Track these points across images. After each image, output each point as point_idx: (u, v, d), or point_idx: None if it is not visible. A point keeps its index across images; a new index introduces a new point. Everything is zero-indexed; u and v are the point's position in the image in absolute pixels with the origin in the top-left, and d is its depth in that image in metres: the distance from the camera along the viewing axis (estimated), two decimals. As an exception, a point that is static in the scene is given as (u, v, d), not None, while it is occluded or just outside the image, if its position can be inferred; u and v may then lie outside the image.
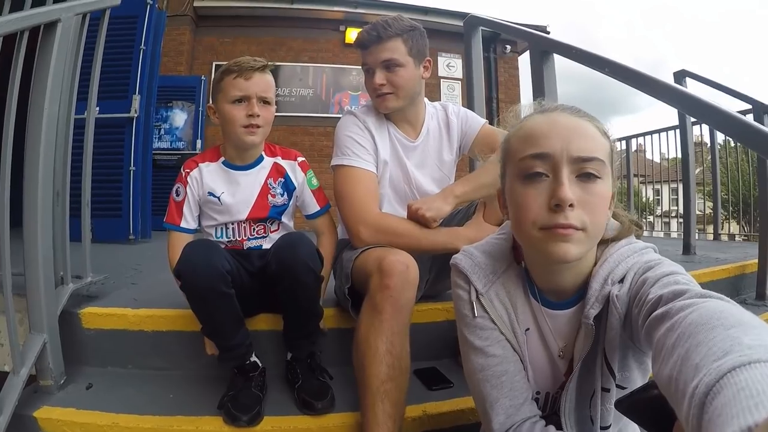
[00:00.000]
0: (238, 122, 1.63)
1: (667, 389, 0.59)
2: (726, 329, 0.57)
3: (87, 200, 1.96)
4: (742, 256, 3.19)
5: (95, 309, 1.77)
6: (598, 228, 0.91)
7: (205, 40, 7.89)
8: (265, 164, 1.75)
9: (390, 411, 1.33)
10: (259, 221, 1.73)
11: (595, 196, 0.89)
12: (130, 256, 3.34)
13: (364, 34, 1.78)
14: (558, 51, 2.03)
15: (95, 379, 1.66)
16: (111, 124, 3.93)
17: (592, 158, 0.89)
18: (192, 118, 6.54)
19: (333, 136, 1.86)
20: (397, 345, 1.39)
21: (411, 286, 1.45)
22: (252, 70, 1.63)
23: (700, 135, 5.15)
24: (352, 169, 1.76)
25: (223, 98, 1.65)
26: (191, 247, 1.48)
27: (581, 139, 0.90)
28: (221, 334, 1.54)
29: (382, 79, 1.76)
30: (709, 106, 1.40)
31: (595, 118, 0.96)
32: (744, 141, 1.59)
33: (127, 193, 4.11)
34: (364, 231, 1.68)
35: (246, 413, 1.42)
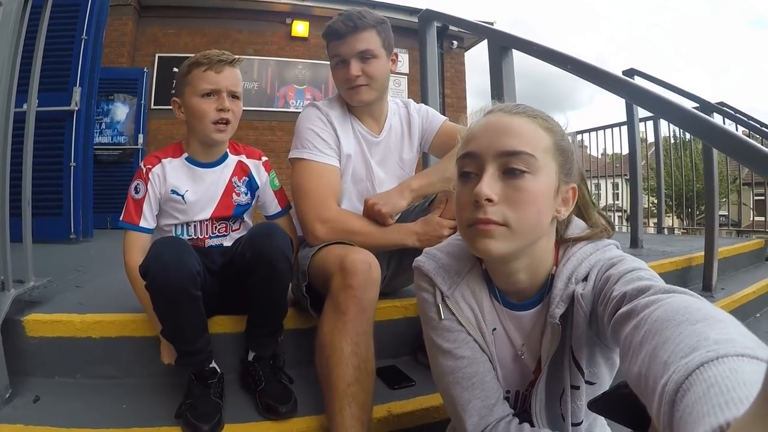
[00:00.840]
0: (209, 117, 1.57)
1: (637, 387, 0.59)
2: (692, 324, 0.58)
3: (28, 198, 1.85)
4: (688, 249, 3.33)
5: (39, 316, 1.67)
6: (526, 224, 0.90)
7: (149, 30, 7.62)
8: (229, 162, 1.70)
9: (358, 414, 1.31)
10: (221, 219, 1.68)
11: (521, 191, 0.89)
12: (73, 256, 3.19)
13: (338, 24, 1.72)
14: (518, 47, 2.03)
15: (43, 390, 1.56)
16: (50, 117, 3.75)
17: (515, 152, 0.90)
18: (134, 111, 6.32)
19: (278, 130, 1.83)
20: (362, 346, 1.38)
21: (374, 285, 1.44)
22: (223, 63, 1.59)
23: (645, 131, 5.33)
24: (313, 163, 1.73)
25: (192, 91, 1.59)
26: (161, 244, 1.41)
27: (508, 136, 0.91)
28: (184, 339, 1.47)
29: (358, 70, 1.72)
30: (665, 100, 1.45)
31: (541, 114, 0.96)
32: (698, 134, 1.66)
33: (67, 191, 3.92)
34: (320, 228, 1.65)
35: (206, 422, 1.37)
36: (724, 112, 4.20)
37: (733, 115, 4.40)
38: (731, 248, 3.55)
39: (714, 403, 0.42)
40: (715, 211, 2.88)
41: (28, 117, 1.88)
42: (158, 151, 1.67)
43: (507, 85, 2.10)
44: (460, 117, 1.64)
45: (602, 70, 1.60)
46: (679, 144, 5.98)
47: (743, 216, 5.83)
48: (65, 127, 3.93)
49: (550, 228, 0.95)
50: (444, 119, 1.98)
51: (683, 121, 1.51)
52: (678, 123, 1.66)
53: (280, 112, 7.91)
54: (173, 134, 6.94)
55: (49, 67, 2.84)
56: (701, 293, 2.75)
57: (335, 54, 1.76)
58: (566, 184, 0.94)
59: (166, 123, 6.95)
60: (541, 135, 0.92)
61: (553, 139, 0.93)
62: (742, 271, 3.58)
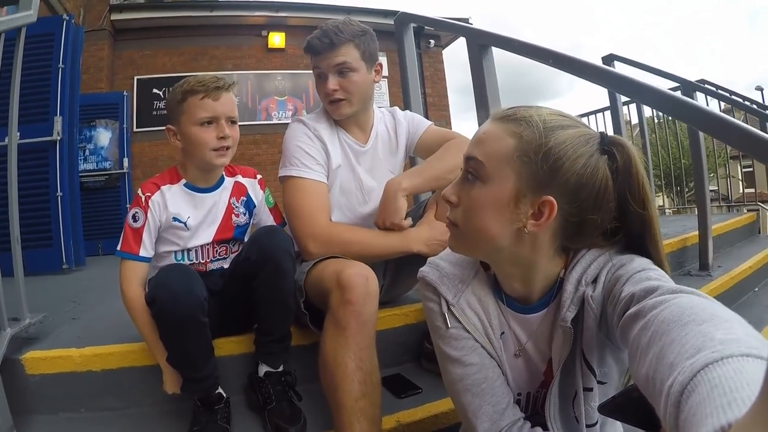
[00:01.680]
0: (209, 145, 1.54)
1: (646, 389, 0.59)
2: (698, 325, 0.58)
3: (17, 236, 1.82)
4: (681, 229, 3.35)
5: (37, 353, 1.65)
6: (470, 228, 0.93)
7: (125, 54, 7.60)
8: (227, 184, 1.70)
9: (368, 428, 1.31)
10: (222, 242, 1.67)
11: (469, 198, 0.92)
12: (67, 287, 3.17)
13: (315, 41, 1.73)
14: (497, 44, 2.03)
15: (47, 428, 1.54)
16: (33, 149, 3.73)
17: (467, 157, 0.94)
18: (116, 136, 6.30)
19: (262, 143, 1.82)
20: (366, 360, 1.37)
21: (372, 298, 1.43)
22: (220, 89, 1.56)
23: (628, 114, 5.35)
24: (302, 180, 1.72)
25: (189, 120, 1.55)
26: (167, 271, 1.41)
27: (475, 140, 0.94)
28: (192, 365, 1.46)
29: (335, 85, 1.73)
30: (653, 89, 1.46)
31: (523, 117, 0.91)
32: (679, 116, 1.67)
33: (56, 221, 3.88)
34: (312, 244, 1.65)
35: None
36: (705, 89, 4.22)
37: (715, 92, 4.42)
38: (724, 224, 3.58)
39: (717, 404, 0.43)
40: (705, 190, 2.89)
41: (10, 150, 1.85)
42: (155, 177, 1.63)
43: (489, 81, 2.10)
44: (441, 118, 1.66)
45: (582, 62, 1.61)
46: (663, 123, 6.01)
47: (732, 189, 5.86)
48: (49, 158, 3.89)
49: (530, 240, 0.92)
50: (429, 123, 1.99)
51: (664, 105, 1.52)
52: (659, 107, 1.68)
53: (264, 125, 7.93)
54: (157, 155, 6.94)
55: (28, 99, 2.83)
56: (699, 272, 2.81)
57: (315, 67, 1.77)
58: (537, 195, 0.88)
59: (149, 145, 6.95)
60: (504, 141, 0.90)
61: (519, 145, 0.88)
62: (736, 246, 3.61)
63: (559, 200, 0.86)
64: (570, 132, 0.89)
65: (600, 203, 0.88)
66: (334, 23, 1.74)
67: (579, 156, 0.87)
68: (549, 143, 0.87)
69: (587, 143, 0.88)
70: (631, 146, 0.91)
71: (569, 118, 0.93)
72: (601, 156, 0.89)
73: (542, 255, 0.94)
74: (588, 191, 0.87)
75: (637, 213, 0.90)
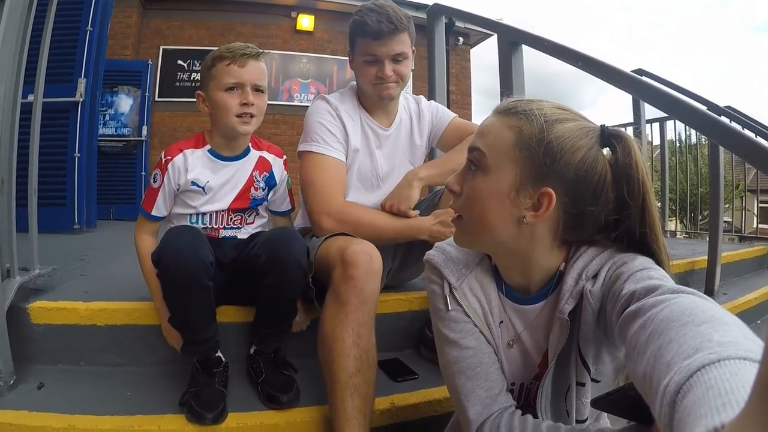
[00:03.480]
0: (232, 111, 1.56)
1: (642, 386, 0.60)
2: (697, 326, 0.58)
3: (34, 187, 1.86)
4: (691, 252, 3.31)
5: (44, 303, 1.67)
6: (471, 219, 0.95)
7: (153, 23, 7.60)
8: (251, 156, 1.70)
9: (360, 405, 1.32)
10: (237, 211, 1.68)
11: (470, 188, 0.94)
12: (77, 246, 3.19)
13: (378, 25, 1.69)
14: (528, 42, 2.02)
15: (47, 378, 1.56)
16: (55, 108, 3.73)
17: (471, 148, 0.96)
18: (138, 103, 6.33)
19: (281, 124, 1.83)
20: (364, 337, 1.38)
21: (375, 276, 1.44)
22: (247, 56, 1.57)
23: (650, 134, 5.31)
24: (321, 156, 1.75)
25: (216, 86, 1.57)
26: (175, 232, 1.43)
27: (478, 132, 0.97)
28: (193, 328, 1.48)
29: (391, 71, 1.75)
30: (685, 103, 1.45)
31: (522, 112, 0.93)
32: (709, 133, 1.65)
33: (71, 181, 3.92)
34: (326, 220, 1.67)
35: (210, 410, 1.37)
36: (731, 115, 4.16)
37: (740, 118, 4.37)
38: (734, 254, 3.54)
39: (711, 405, 0.43)
40: (719, 214, 2.87)
41: (34, 108, 1.88)
42: (181, 142, 1.66)
43: (516, 80, 2.09)
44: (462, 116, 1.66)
45: (613, 68, 1.59)
46: (685, 147, 5.96)
47: (747, 223, 5.80)
48: (70, 118, 3.92)
49: (529, 231, 0.93)
50: (453, 116, 1.99)
51: (696, 122, 1.50)
52: (690, 123, 1.66)
53: (284, 106, 7.89)
54: (177, 126, 6.95)
55: (55, 59, 2.84)
56: (703, 297, 2.77)
57: (368, 52, 1.74)
58: (536, 187, 0.90)
59: (170, 115, 6.96)
60: (504, 133, 0.92)
61: (519, 137, 0.91)
62: (744, 277, 3.56)
63: (557, 192, 0.88)
64: (569, 125, 0.91)
65: (599, 196, 0.90)
66: (388, 8, 1.73)
67: (578, 149, 0.89)
68: (549, 136, 0.89)
69: (586, 136, 0.90)
70: (631, 139, 0.93)
71: (569, 112, 0.95)
72: (601, 149, 0.91)
73: (541, 247, 0.95)
74: (587, 184, 0.89)
75: (636, 206, 0.91)
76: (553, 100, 0.97)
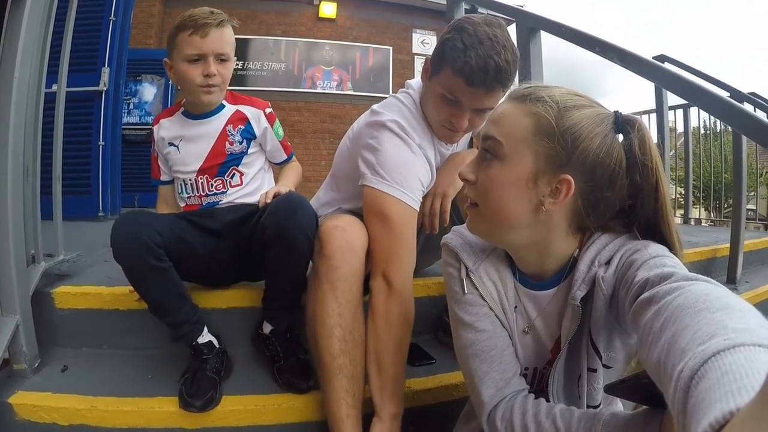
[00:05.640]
0: (195, 82, 1.55)
1: (656, 373, 0.59)
2: (711, 313, 0.58)
3: (58, 175, 1.91)
4: (714, 240, 3.26)
5: (68, 288, 1.71)
6: (489, 208, 0.95)
7: (175, 12, 7.59)
8: (225, 112, 1.68)
9: (346, 385, 1.32)
10: (217, 175, 1.65)
11: (487, 177, 0.94)
12: (101, 233, 3.21)
13: (481, 74, 1.33)
14: (546, 28, 2.00)
15: (70, 360, 1.61)
16: (79, 97, 3.76)
17: (486, 136, 0.95)
18: (161, 92, 6.37)
19: (305, 111, 1.78)
20: (346, 317, 1.34)
21: (353, 251, 1.37)
22: (209, 26, 1.52)
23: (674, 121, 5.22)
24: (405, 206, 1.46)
25: (178, 56, 1.56)
26: (120, 218, 1.44)
27: (491, 120, 0.97)
28: (164, 311, 1.49)
29: (468, 121, 1.47)
30: (695, 86, 1.42)
31: (540, 96, 0.92)
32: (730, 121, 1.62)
33: (96, 169, 3.97)
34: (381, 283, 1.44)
35: (198, 398, 1.38)
36: (755, 102, 4.06)
37: (764, 104, 4.27)
38: (758, 241, 3.45)
39: (726, 390, 0.43)
40: (742, 201, 2.83)
41: (58, 97, 1.92)
42: (162, 111, 1.75)
43: (534, 67, 2.08)
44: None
45: (631, 53, 1.56)
46: (710, 134, 5.86)
47: (773, 211, 5.70)
48: (94, 107, 3.97)
49: (546, 218, 0.93)
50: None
51: (716, 109, 1.47)
52: (711, 111, 1.63)
53: (307, 93, 7.96)
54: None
55: (78, 48, 2.88)
56: (725, 285, 2.71)
57: (451, 92, 1.41)
58: (554, 174, 0.90)
59: (193, 103, 7.01)
60: (521, 121, 0.92)
61: (537, 125, 0.91)
62: None
63: (576, 179, 0.88)
64: (586, 112, 0.91)
65: (615, 181, 0.90)
66: (501, 50, 1.34)
67: (595, 135, 0.89)
68: (565, 123, 0.89)
69: (602, 122, 0.91)
70: (645, 125, 0.93)
71: (584, 98, 0.94)
72: (616, 135, 0.92)
73: (557, 235, 0.96)
74: (603, 170, 0.89)
75: (649, 191, 0.91)
76: (567, 87, 0.97)
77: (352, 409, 1.31)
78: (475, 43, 1.33)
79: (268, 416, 1.43)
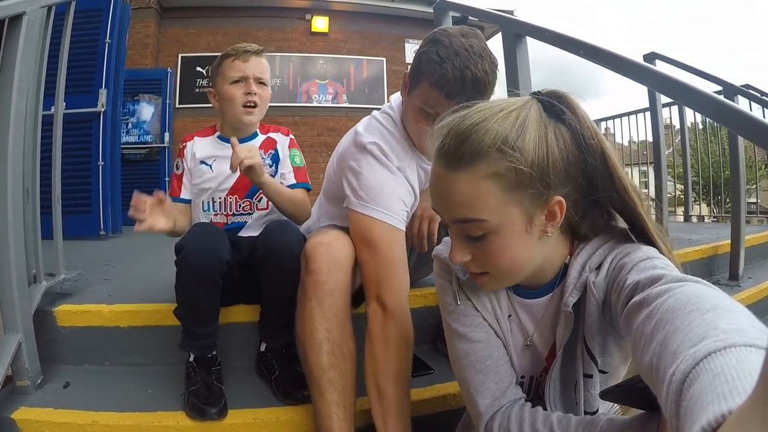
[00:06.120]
0: (238, 101, 1.71)
1: (648, 377, 0.59)
2: (702, 314, 0.58)
3: (58, 196, 1.94)
4: (715, 237, 3.25)
5: (70, 306, 1.74)
6: (505, 269, 0.92)
7: (170, 32, 7.74)
8: (258, 138, 1.81)
9: (337, 399, 1.32)
10: (247, 197, 1.74)
11: (485, 251, 0.90)
12: (102, 251, 3.27)
13: (457, 85, 1.32)
14: (531, 34, 2.00)
15: (72, 377, 1.63)
16: (78, 119, 3.83)
17: (466, 220, 0.88)
18: (159, 111, 6.44)
19: (301, 125, 1.82)
20: (334, 331, 1.35)
21: (338, 267, 1.38)
22: (249, 53, 1.73)
23: (669, 118, 5.22)
24: (397, 231, 1.46)
25: (223, 80, 1.73)
26: (202, 227, 1.54)
27: (453, 203, 0.89)
28: (196, 321, 1.54)
29: None
30: (682, 84, 1.40)
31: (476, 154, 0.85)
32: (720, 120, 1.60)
33: (96, 189, 4.02)
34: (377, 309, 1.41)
35: (214, 406, 1.42)
36: (749, 94, 4.00)
37: (760, 98, 4.24)
38: (759, 236, 3.43)
39: (718, 392, 0.43)
40: (741, 197, 2.81)
41: (55, 119, 1.95)
42: (195, 132, 1.83)
43: (522, 73, 2.07)
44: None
45: (615, 54, 1.55)
46: (707, 130, 5.84)
47: (774, 203, 5.66)
48: (92, 128, 4.02)
49: (544, 242, 0.92)
50: None
51: (707, 108, 1.42)
52: (701, 110, 1.60)
53: (303, 107, 8.01)
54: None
55: (75, 71, 2.92)
56: (728, 282, 2.71)
57: (429, 104, 1.40)
58: (544, 206, 0.88)
59: (191, 121, 7.05)
60: (486, 188, 0.85)
61: (502, 183, 0.85)
62: (771, 259, 3.47)
63: (560, 194, 0.87)
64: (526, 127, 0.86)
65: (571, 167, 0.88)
66: (478, 60, 1.33)
67: (549, 140, 0.86)
68: (524, 155, 0.84)
69: (540, 120, 0.88)
70: (569, 95, 0.91)
71: (487, 109, 0.89)
72: (556, 123, 0.89)
73: (553, 246, 0.95)
74: (571, 167, 0.88)
75: (600, 166, 0.89)
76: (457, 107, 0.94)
77: (344, 422, 1.31)
78: (451, 54, 1.32)
79: (266, 429, 1.44)
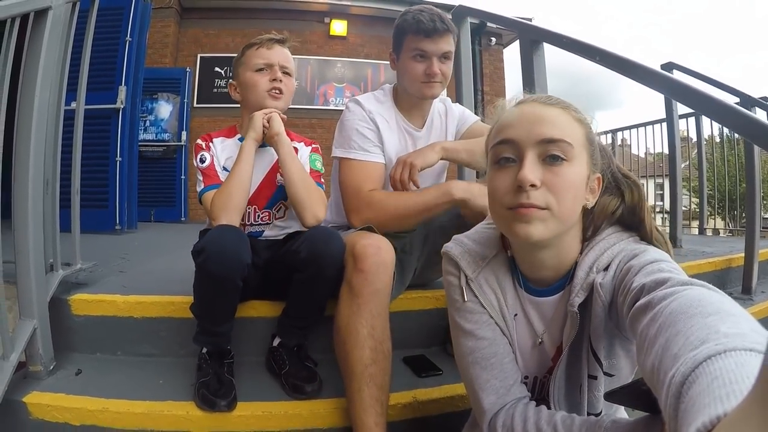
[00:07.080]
0: (262, 87, 1.69)
1: (650, 379, 0.60)
2: (704, 317, 0.58)
3: (77, 188, 1.97)
4: (728, 250, 3.21)
5: (85, 296, 1.76)
6: (566, 210, 0.92)
7: (190, 32, 7.81)
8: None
9: (376, 394, 1.35)
10: (266, 207, 1.73)
11: (561, 177, 0.91)
12: (117, 245, 3.31)
13: (430, 24, 1.73)
14: (548, 40, 2.02)
15: (84, 365, 1.65)
16: (97, 115, 3.88)
17: (555, 139, 0.91)
18: (177, 110, 6.54)
19: (318, 128, 1.84)
20: (378, 328, 1.41)
21: (385, 268, 1.46)
22: (273, 41, 1.72)
23: (686, 130, 5.16)
24: (359, 162, 1.76)
25: (246, 68, 1.71)
26: (223, 230, 1.47)
27: (546, 125, 0.93)
28: (213, 319, 1.54)
29: (437, 69, 1.77)
30: (698, 93, 1.40)
31: (571, 106, 0.98)
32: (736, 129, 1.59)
33: (113, 184, 4.08)
34: (355, 217, 1.70)
35: (224, 398, 1.43)
36: (767, 106, 3.97)
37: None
38: (775, 250, 3.40)
39: (715, 395, 0.43)
40: (756, 210, 2.77)
41: (77, 114, 1.99)
42: (213, 132, 1.77)
43: (539, 79, 2.09)
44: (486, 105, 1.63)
45: (631, 61, 1.56)
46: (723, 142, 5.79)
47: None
48: (111, 124, 4.08)
49: (579, 219, 0.98)
50: (477, 119, 2.00)
51: (725, 117, 1.42)
52: (719, 119, 1.59)
53: (320, 110, 8.01)
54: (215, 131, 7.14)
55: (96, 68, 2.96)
56: (741, 295, 2.67)
57: (417, 48, 1.76)
58: (593, 174, 0.97)
59: (208, 120, 7.11)
60: (575, 126, 0.94)
61: (584, 130, 0.95)
62: (786, 275, 3.43)
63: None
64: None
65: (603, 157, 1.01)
66: (436, 11, 1.78)
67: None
68: (592, 128, 0.98)
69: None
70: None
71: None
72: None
73: (572, 235, 0.99)
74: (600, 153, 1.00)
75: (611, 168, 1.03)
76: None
77: (381, 417, 1.34)
78: (416, 11, 1.76)
79: (274, 422, 1.45)
